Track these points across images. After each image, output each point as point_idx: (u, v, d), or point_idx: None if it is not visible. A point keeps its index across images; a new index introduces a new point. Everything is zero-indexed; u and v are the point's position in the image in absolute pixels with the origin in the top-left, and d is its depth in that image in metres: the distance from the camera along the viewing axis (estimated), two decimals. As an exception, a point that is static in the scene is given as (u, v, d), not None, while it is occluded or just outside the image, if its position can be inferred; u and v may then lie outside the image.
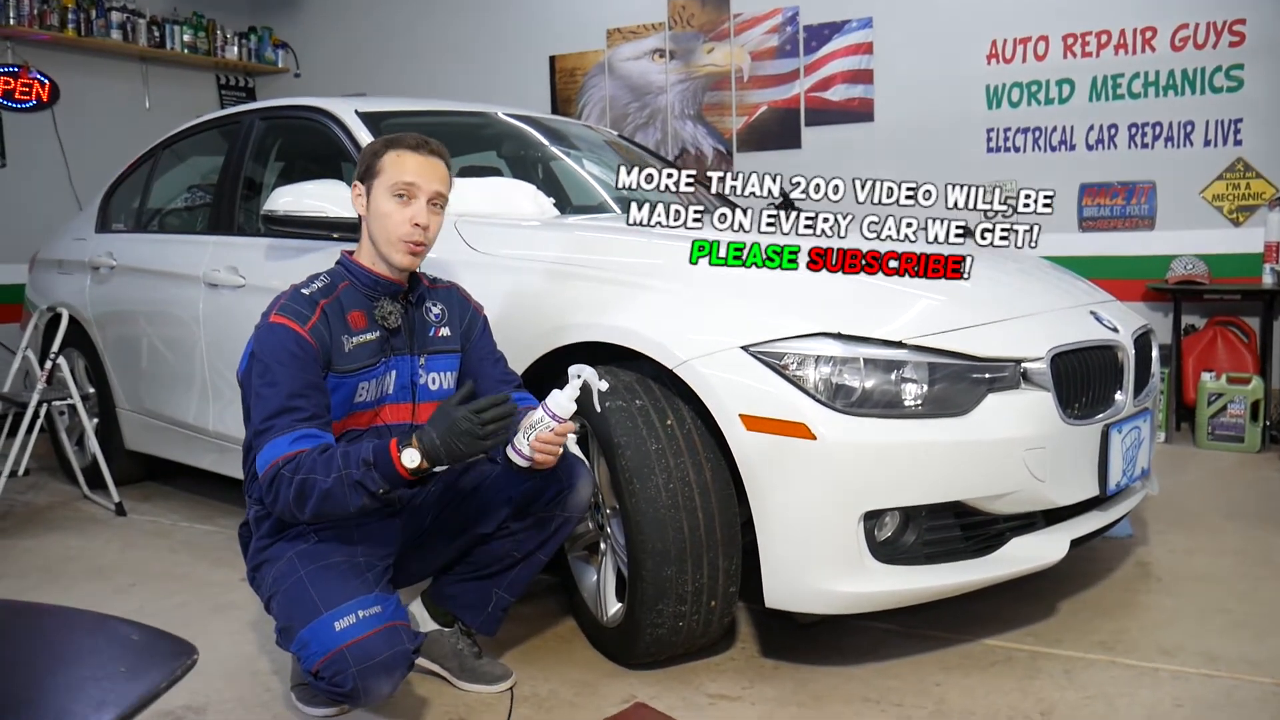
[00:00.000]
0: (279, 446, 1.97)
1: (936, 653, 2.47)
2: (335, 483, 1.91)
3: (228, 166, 3.78)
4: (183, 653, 0.87)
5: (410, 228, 2.13)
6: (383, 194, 2.15)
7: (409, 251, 2.15)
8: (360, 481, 1.91)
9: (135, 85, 6.75)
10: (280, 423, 1.98)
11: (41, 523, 3.91)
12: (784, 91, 5.89)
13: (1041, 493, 2.33)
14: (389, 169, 2.16)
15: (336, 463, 1.92)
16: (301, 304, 2.08)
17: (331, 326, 2.09)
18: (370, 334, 2.14)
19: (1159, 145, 5.04)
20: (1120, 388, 2.57)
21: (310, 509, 1.95)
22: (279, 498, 1.97)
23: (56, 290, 4.45)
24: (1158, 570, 3.00)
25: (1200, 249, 4.93)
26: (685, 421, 2.30)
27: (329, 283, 2.15)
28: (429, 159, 2.18)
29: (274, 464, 1.96)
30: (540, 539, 2.25)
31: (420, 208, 2.15)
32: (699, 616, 2.30)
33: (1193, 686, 2.26)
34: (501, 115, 3.88)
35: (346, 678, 1.91)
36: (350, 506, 1.94)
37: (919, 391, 2.22)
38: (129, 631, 0.90)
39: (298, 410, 1.99)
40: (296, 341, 2.03)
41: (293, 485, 1.93)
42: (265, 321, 2.07)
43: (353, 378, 2.12)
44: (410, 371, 2.22)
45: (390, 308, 2.18)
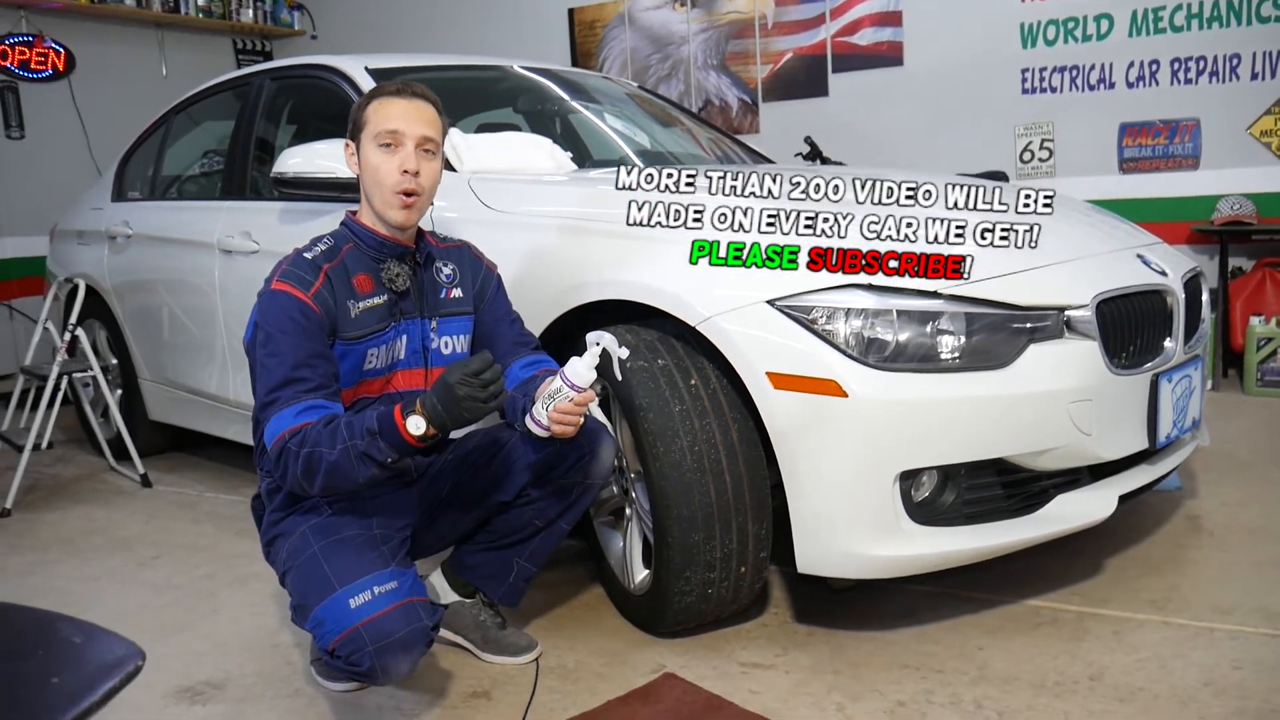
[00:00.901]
0: (285, 419, 1.89)
1: (978, 615, 2.37)
2: (341, 455, 1.83)
3: (239, 129, 3.70)
4: (125, 659, 0.78)
5: (399, 176, 2.02)
6: (370, 146, 2.05)
7: (402, 205, 2.04)
8: (366, 452, 1.83)
9: (151, 51, 6.67)
10: (285, 394, 1.90)
11: (67, 495, 3.89)
12: (810, 38, 5.71)
13: (1087, 447, 2.21)
14: (372, 119, 2.06)
15: (341, 434, 1.84)
16: (304, 269, 1.99)
17: (336, 291, 2.00)
18: (377, 298, 2.05)
19: (1203, 80, 4.82)
20: (1170, 334, 2.44)
21: (319, 483, 1.87)
22: (287, 472, 1.89)
23: (76, 261, 4.40)
24: (1209, 524, 2.87)
25: (1247, 188, 4.73)
26: (710, 381, 2.20)
27: (332, 245, 2.06)
28: (412, 101, 2.07)
29: (280, 437, 1.88)
30: (561, 507, 2.17)
31: (408, 154, 2.04)
32: (728, 583, 2.21)
33: (1252, 647, 2.15)
34: (517, 69, 3.76)
35: (363, 656, 1.84)
36: (359, 478, 1.86)
37: (956, 344, 2.10)
38: (72, 633, 0.82)
39: (303, 381, 1.91)
40: (299, 309, 1.94)
41: (299, 459, 1.86)
42: (267, 288, 1.99)
43: (361, 344, 2.03)
44: (421, 335, 2.13)
45: (397, 269, 2.08)
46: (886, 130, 5.47)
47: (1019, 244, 2.32)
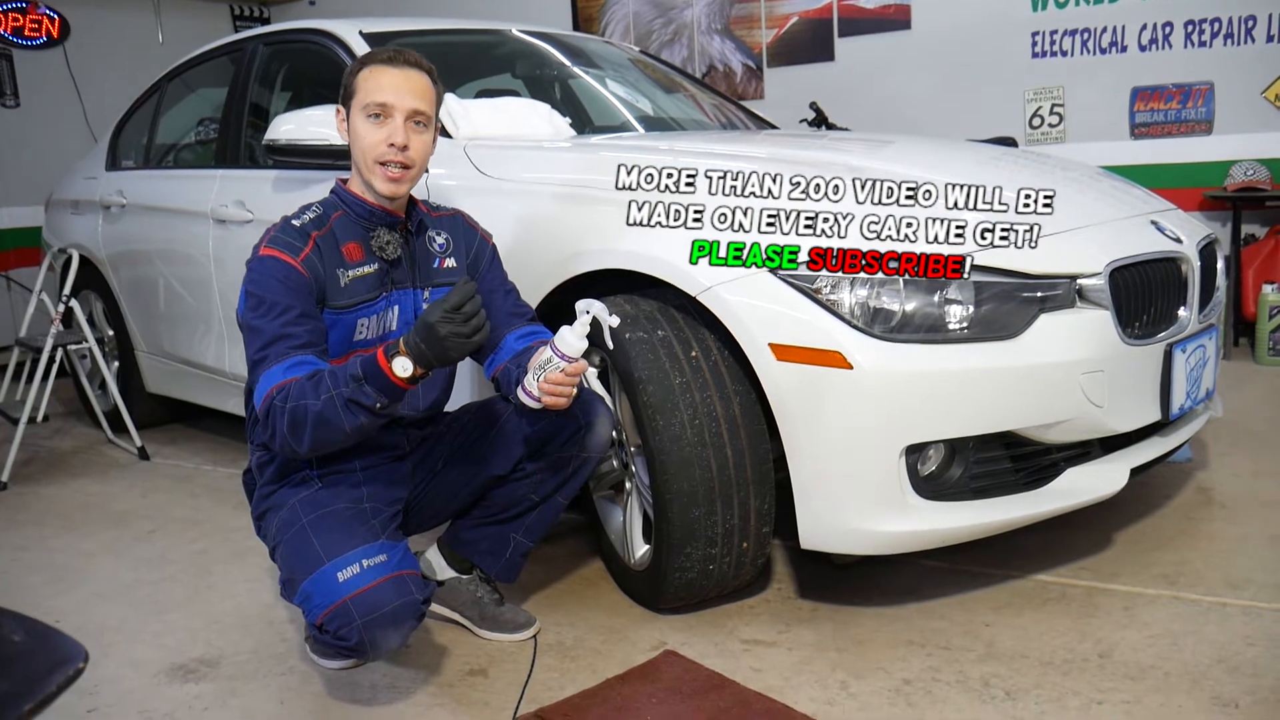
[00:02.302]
0: (273, 375, 1.82)
1: (985, 590, 2.33)
2: (327, 404, 1.76)
3: (232, 96, 3.63)
4: (67, 661, 0.72)
5: (385, 148, 1.96)
6: (358, 115, 1.99)
7: (388, 178, 1.97)
8: (353, 399, 1.75)
9: (147, 18, 6.59)
10: (274, 351, 1.84)
11: (64, 468, 3.85)
12: (815, 1, 5.60)
13: (1099, 420, 2.15)
14: (362, 87, 1.99)
15: (325, 384, 1.77)
16: (292, 235, 1.93)
17: (325, 259, 1.94)
18: (367, 266, 2.00)
19: (1217, 43, 4.72)
20: (1184, 303, 2.37)
21: (308, 439, 1.79)
22: (275, 431, 1.82)
23: (70, 231, 4.35)
24: (1221, 496, 2.82)
25: (1262, 153, 4.64)
26: (711, 352, 2.15)
27: (321, 213, 2.00)
28: (405, 71, 1.99)
29: (268, 395, 1.81)
30: (558, 481, 2.12)
31: (397, 127, 1.97)
32: (730, 559, 2.16)
33: (1265, 623, 2.10)
34: (516, 33, 3.68)
35: (351, 630, 1.80)
36: (347, 427, 1.78)
37: (964, 313, 2.04)
38: (12, 630, 0.76)
39: (292, 337, 1.85)
40: (288, 272, 1.89)
41: (285, 415, 1.79)
42: (255, 255, 1.93)
43: (350, 314, 1.97)
44: (414, 306, 2.07)
45: (388, 238, 2.02)
46: (894, 95, 5.38)
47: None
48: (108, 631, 2.40)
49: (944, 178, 2.17)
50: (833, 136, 3.73)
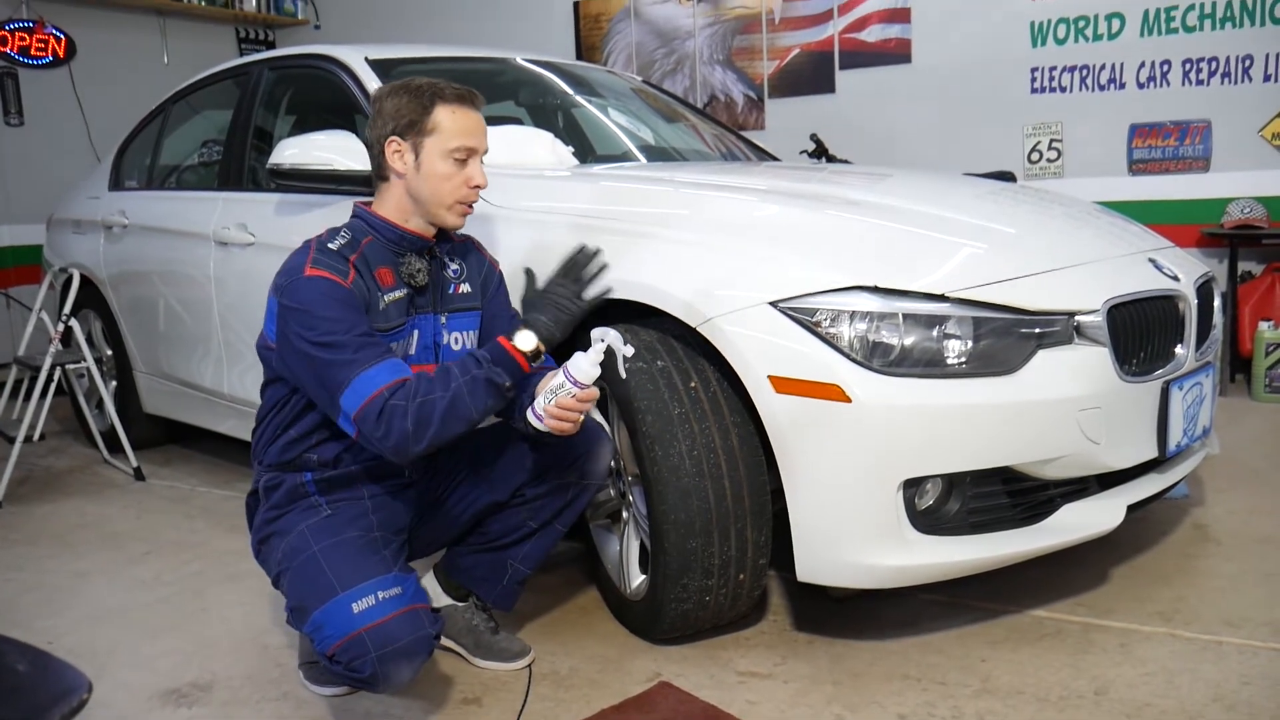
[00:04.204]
0: (378, 376, 1.82)
1: (981, 625, 2.33)
2: (457, 391, 1.81)
3: (237, 119, 3.65)
4: (71, 691, 0.72)
5: (468, 190, 2.02)
6: (438, 155, 1.99)
7: (463, 214, 2.05)
8: (489, 379, 1.83)
9: (153, 39, 6.63)
10: (364, 356, 1.83)
11: (59, 488, 3.84)
12: (817, 33, 5.65)
13: (1096, 456, 2.16)
14: (444, 128, 1.98)
15: (453, 373, 1.84)
16: (333, 259, 1.92)
17: (367, 284, 1.95)
18: (398, 292, 2.00)
19: (1215, 81, 4.76)
20: (1181, 341, 2.38)
21: (432, 432, 1.81)
22: (391, 430, 1.80)
23: (71, 250, 4.36)
24: (1217, 533, 2.82)
25: (1258, 191, 4.67)
26: (710, 384, 2.15)
27: (351, 238, 1.99)
28: (478, 114, 2.05)
29: (378, 393, 1.80)
30: (556, 508, 2.12)
31: (477, 168, 2.02)
32: (726, 591, 2.16)
33: (1260, 661, 2.10)
34: (520, 61, 3.71)
35: (365, 663, 1.79)
36: (475, 413, 1.84)
37: (963, 348, 2.05)
38: (16, 659, 0.76)
39: (376, 345, 1.86)
40: (341, 290, 1.88)
41: (409, 413, 1.79)
42: (300, 276, 1.89)
43: (386, 338, 1.97)
44: (433, 331, 2.08)
45: (418, 265, 2.03)
46: (894, 128, 5.42)
47: (1028, 247, 2.27)
48: (100, 654, 2.39)
49: (943, 212, 2.19)
50: (832, 169, 3.75)
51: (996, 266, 2.17)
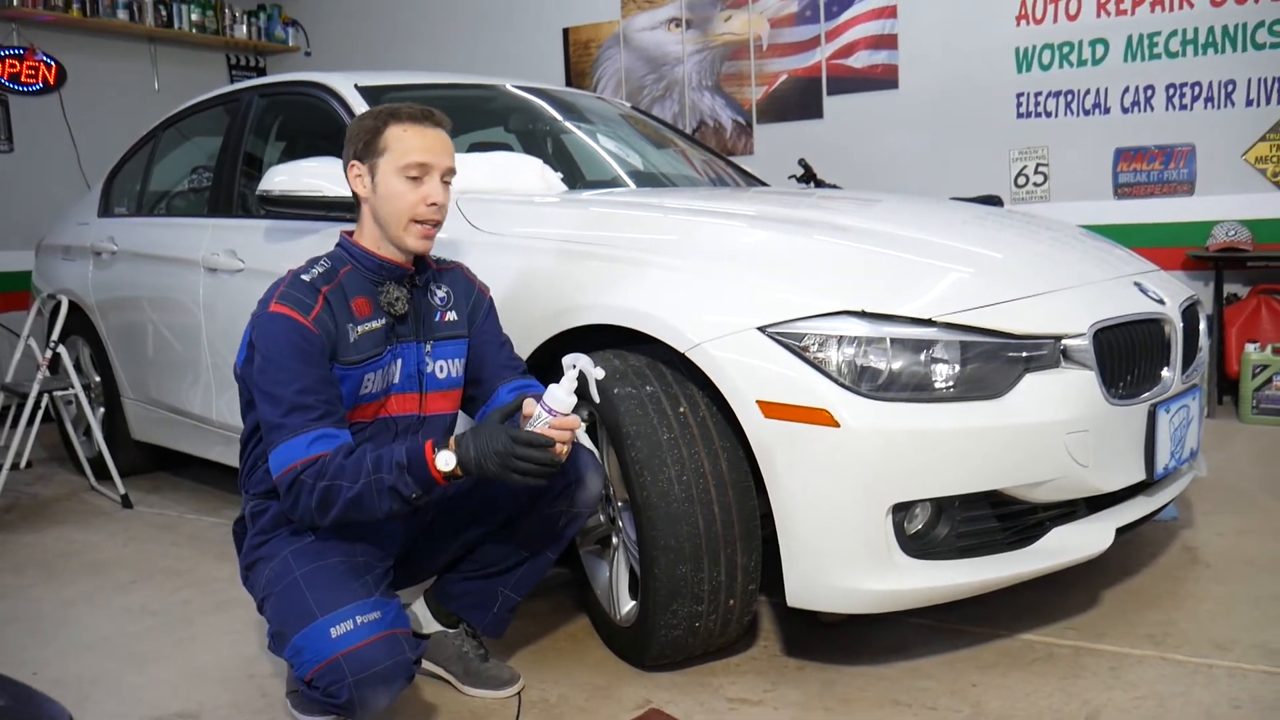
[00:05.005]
0: (295, 449, 1.83)
1: (971, 650, 2.32)
2: (364, 488, 1.80)
3: (227, 146, 3.66)
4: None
5: (425, 208, 1.99)
6: (391, 174, 1.99)
7: (424, 235, 2.01)
8: (394, 487, 1.79)
9: (144, 66, 6.64)
10: (293, 422, 1.84)
11: (45, 515, 3.82)
12: (804, 59, 5.70)
13: (1084, 479, 2.17)
14: (396, 146, 1.99)
15: (365, 467, 1.80)
16: (302, 291, 1.93)
17: (336, 315, 1.94)
18: (376, 322, 2.00)
19: (1198, 106, 4.81)
20: (1168, 364, 2.39)
21: (334, 515, 1.83)
22: (299, 504, 1.84)
23: (60, 276, 4.35)
24: (1206, 555, 2.83)
25: (1243, 214, 4.72)
26: (699, 409, 2.16)
27: (330, 268, 2.00)
28: (437, 131, 2.03)
29: (292, 468, 1.83)
30: (547, 536, 2.11)
31: (435, 186, 2.00)
32: (716, 616, 2.16)
33: (1250, 685, 2.10)
34: (509, 88, 3.73)
35: (342, 688, 1.78)
36: (379, 513, 1.82)
37: (950, 373, 2.06)
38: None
39: (309, 409, 1.86)
40: (300, 333, 1.88)
41: (315, 492, 1.81)
42: (264, 311, 1.92)
43: (358, 369, 1.97)
44: (417, 360, 2.08)
45: (397, 293, 2.03)
46: (881, 153, 5.45)
47: (1014, 271, 2.28)
48: (85, 684, 2.36)
49: (930, 237, 2.20)
50: (820, 194, 3.77)
51: (984, 291, 2.18)
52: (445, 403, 2.14)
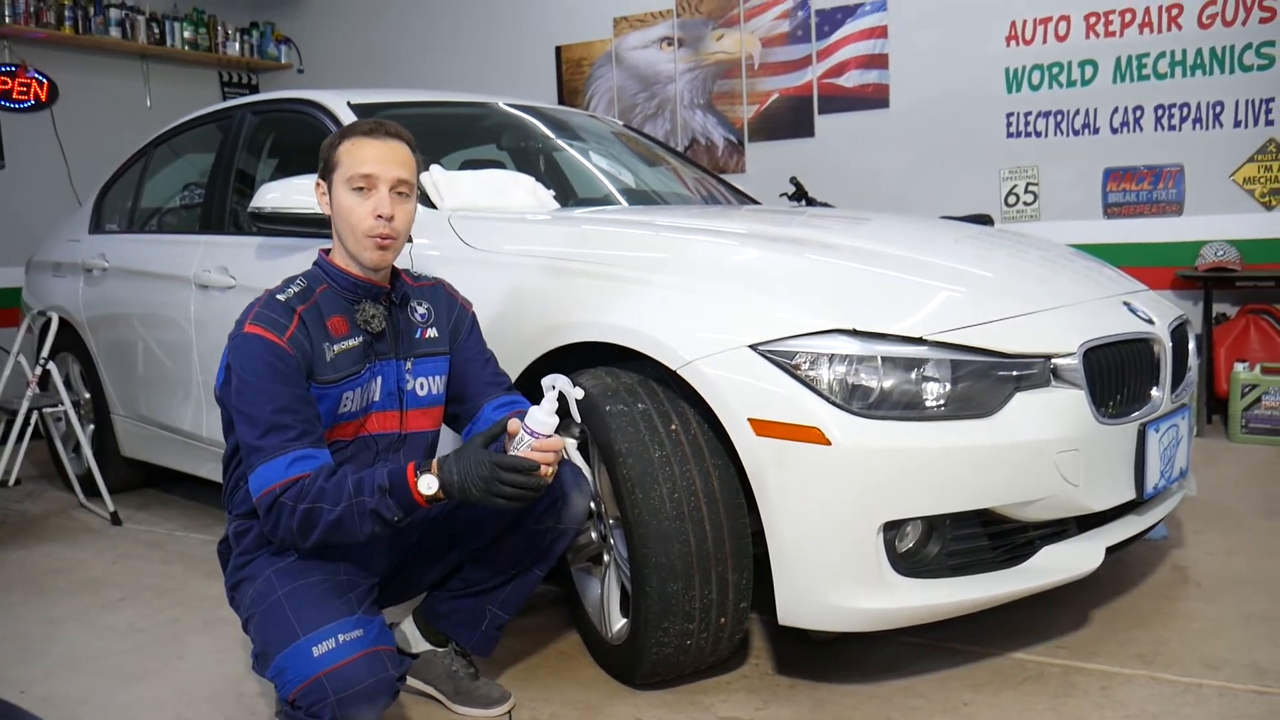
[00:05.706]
0: (274, 470, 1.83)
1: (963, 668, 2.32)
2: (346, 511, 1.79)
3: (219, 163, 3.66)
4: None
5: (373, 220, 1.97)
6: (342, 188, 2.00)
7: (376, 246, 1.99)
8: (376, 510, 1.79)
9: (136, 84, 6.64)
10: (270, 443, 1.84)
11: (34, 533, 3.80)
12: (796, 78, 5.73)
13: (1074, 498, 2.17)
14: (344, 160, 2.00)
15: (347, 490, 1.80)
16: (277, 311, 1.93)
17: (311, 335, 1.94)
18: (352, 340, 2.00)
19: (1186, 127, 4.85)
20: (1157, 383, 2.40)
21: (315, 538, 1.83)
22: (279, 526, 1.84)
23: (51, 293, 4.34)
24: (1196, 574, 2.83)
25: (1231, 234, 4.75)
26: (690, 426, 2.16)
27: (305, 287, 2.00)
28: (386, 142, 2.02)
29: (271, 490, 1.82)
30: (535, 553, 2.11)
31: (383, 198, 1.98)
32: (708, 634, 2.15)
33: (1241, 704, 2.10)
34: (502, 106, 3.74)
35: (324, 708, 1.77)
36: (361, 536, 1.82)
37: (941, 391, 2.06)
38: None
39: (286, 428, 1.85)
40: (275, 353, 1.88)
41: (296, 514, 1.81)
42: (239, 332, 1.92)
43: (336, 388, 1.97)
44: (396, 377, 2.07)
45: (373, 310, 2.03)
46: (872, 172, 5.48)
47: (1005, 291, 2.29)
48: (73, 703, 2.35)
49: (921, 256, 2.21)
50: (812, 213, 3.79)
51: (974, 310, 2.19)
52: (426, 420, 2.13)
